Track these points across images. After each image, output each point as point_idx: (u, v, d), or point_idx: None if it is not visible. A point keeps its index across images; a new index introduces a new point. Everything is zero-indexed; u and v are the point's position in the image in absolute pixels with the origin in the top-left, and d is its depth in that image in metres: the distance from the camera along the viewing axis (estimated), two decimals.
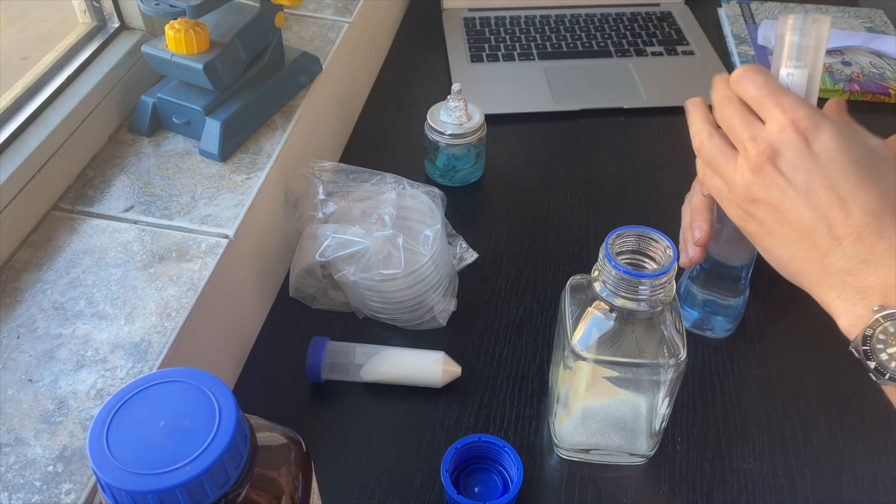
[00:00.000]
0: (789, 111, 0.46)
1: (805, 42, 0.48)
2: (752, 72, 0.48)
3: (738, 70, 0.49)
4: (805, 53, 0.49)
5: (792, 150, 0.45)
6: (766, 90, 0.47)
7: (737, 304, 0.66)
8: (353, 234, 0.66)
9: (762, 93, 0.47)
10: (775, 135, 0.46)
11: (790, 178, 0.45)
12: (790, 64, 0.49)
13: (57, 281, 0.58)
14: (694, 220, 0.63)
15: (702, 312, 0.68)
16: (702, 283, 0.66)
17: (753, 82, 0.48)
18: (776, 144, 0.46)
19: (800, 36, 0.48)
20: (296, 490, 0.40)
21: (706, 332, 0.69)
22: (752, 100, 0.48)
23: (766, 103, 0.47)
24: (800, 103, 0.46)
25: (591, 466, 0.60)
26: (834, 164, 0.44)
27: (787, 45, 0.49)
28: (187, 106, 0.69)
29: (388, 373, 0.64)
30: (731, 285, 0.65)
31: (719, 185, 0.51)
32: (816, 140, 0.45)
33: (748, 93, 0.48)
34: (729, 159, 0.49)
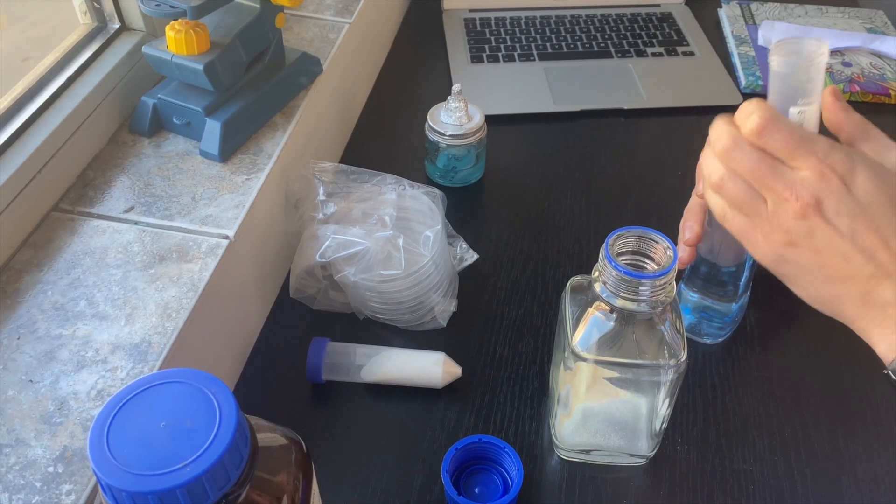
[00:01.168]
0: (825, 158, 0.45)
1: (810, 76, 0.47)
2: (772, 123, 0.46)
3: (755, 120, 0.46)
4: (813, 87, 0.48)
5: (834, 198, 0.45)
6: (796, 141, 0.46)
7: (728, 310, 0.66)
8: (353, 234, 0.66)
9: (793, 144, 0.46)
10: (815, 182, 0.45)
11: (835, 225, 0.46)
12: (800, 102, 0.48)
13: (57, 282, 0.58)
14: (686, 220, 0.63)
15: (696, 317, 0.68)
16: (693, 286, 0.66)
17: (781, 134, 0.46)
18: (818, 192, 0.45)
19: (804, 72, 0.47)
20: (296, 490, 0.40)
21: (699, 337, 0.68)
22: (782, 151, 0.46)
23: (799, 154, 0.46)
24: (833, 148, 0.46)
25: (592, 467, 0.60)
26: (875, 207, 0.45)
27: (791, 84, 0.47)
28: (188, 107, 0.69)
29: (389, 373, 0.64)
30: (722, 289, 0.65)
31: (744, 225, 0.50)
32: (854, 184, 0.45)
33: (776, 144, 0.46)
34: (760, 204, 0.48)
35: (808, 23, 1.11)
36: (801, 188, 0.46)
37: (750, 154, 0.47)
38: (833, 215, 0.45)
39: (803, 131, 0.46)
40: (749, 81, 1.01)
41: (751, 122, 0.46)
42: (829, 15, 1.13)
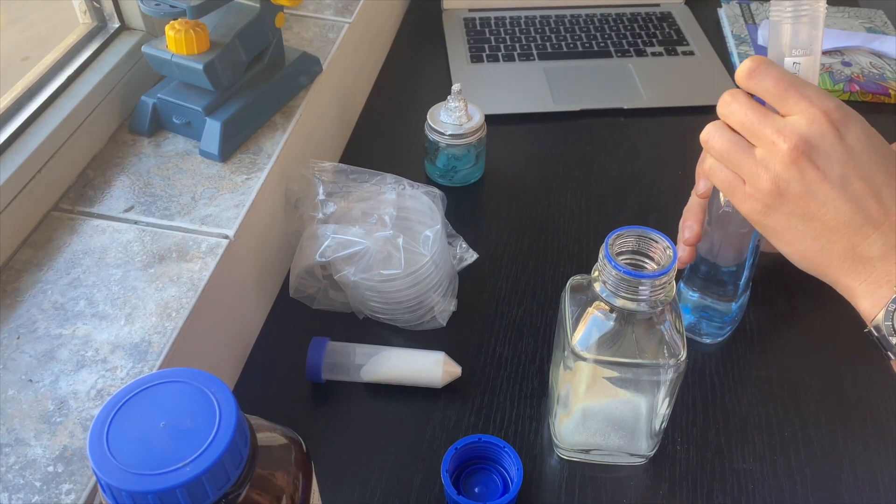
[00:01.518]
0: (818, 103, 0.44)
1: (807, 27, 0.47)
2: (764, 65, 0.46)
3: (748, 64, 0.47)
4: (810, 40, 0.47)
5: (826, 142, 0.44)
6: (787, 82, 0.45)
7: (728, 309, 0.66)
8: (353, 234, 0.66)
9: (783, 86, 0.45)
10: (806, 127, 0.44)
11: (825, 171, 0.44)
12: (795, 53, 0.47)
13: (57, 281, 0.58)
14: (686, 219, 0.63)
15: (696, 316, 0.68)
16: (693, 285, 0.67)
17: (770, 76, 0.46)
18: (808, 137, 0.44)
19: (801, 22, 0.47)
20: (296, 490, 0.40)
21: (698, 336, 0.68)
22: (771, 93, 0.46)
23: (789, 96, 0.45)
24: (825, 94, 0.45)
25: (591, 467, 0.60)
26: (867, 156, 0.44)
27: (787, 33, 0.47)
28: (187, 106, 0.69)
29: (389, 373, 0.64)
30: (722, 289, 0.65)
31: (729, 178, 0.49)
32: (848, 132, 0.44)
33: (766, 86, 0.46)
34: (746, 153, 0.47)
35: None
36: (790, 132, 0.45)
37: (743, 103, 0.47)
38: (823, 160, 0.44)
39: (795, 76, 0.46)
40: None
41: (742, 67, 0.46)
42: (828, 15, 1.13)
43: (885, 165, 0.45)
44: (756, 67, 0.46)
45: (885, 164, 0.45)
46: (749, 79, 0.46)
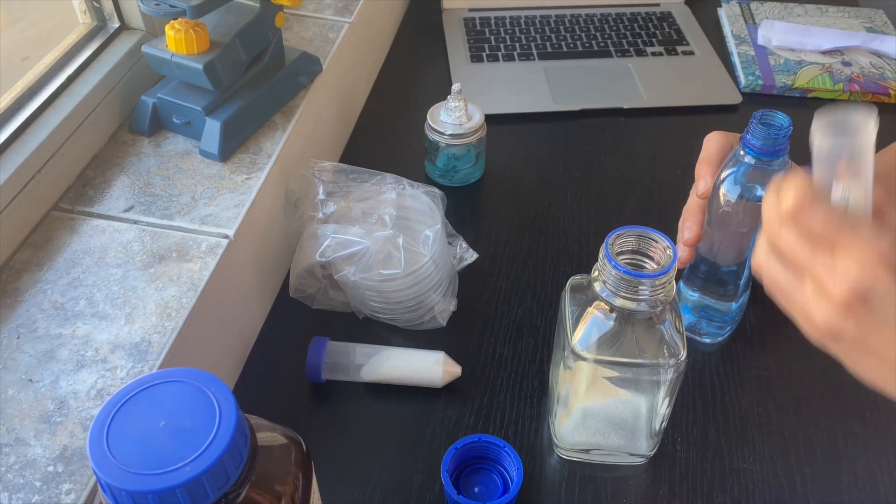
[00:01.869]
0: (872, 243, 0.41)
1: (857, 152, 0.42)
2: (812, 203, 0.42)
3: (791, 200, 0.42)
4: (859, 167, 0.42)
5: (880, 287, 0.41)
6: (836, 223, 0.41)
7: (727, 309, 0.66)
8: (353, 234, 0.66)
9: (832, 226, 0.41)
10: (858, 271, 0.41)
11: (881, 317, 0.41)
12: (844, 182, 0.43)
13: (57, 281, 0.58)
14: (685, 220, 0.63)
15: (696, 316, 0.68)
16: (693, 285, 0.67)
17: (818, 216, 0.42)
18: (862, 282, 0.41)
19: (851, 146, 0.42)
20: (296, 490, 0.40)
21: (698, 336, 0.68)
22: (820, 235, 0.42)
23: (839, 236, 0.41)
24: (878, 232, 0.41)
25: (591, 466, 0.60)
26: None
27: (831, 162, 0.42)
28: (187, 106, 0.69)
29: (389, 373, 0.64)
30: (722, 289, 0.65)
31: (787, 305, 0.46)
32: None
33: (814, 227, 0.42)
34: (798, 290, 0.44)
35: (807, 22, 1.11)
36: (842, 277, 0.41)
37: (794, 235, 0.43)
38: (878, 304, 0.41)
39: (844, 215, 0.42)
40: (748, 81, 1.01)
41: (786, 202, 0.42)
42: (828, 14, 1.13)
43: None
44: (801, 207, 0.42)
45: None
46: (794, 218, 0.43)
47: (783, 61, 1.03)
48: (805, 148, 0.62)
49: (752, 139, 0.55)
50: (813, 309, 0.43)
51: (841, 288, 0.41)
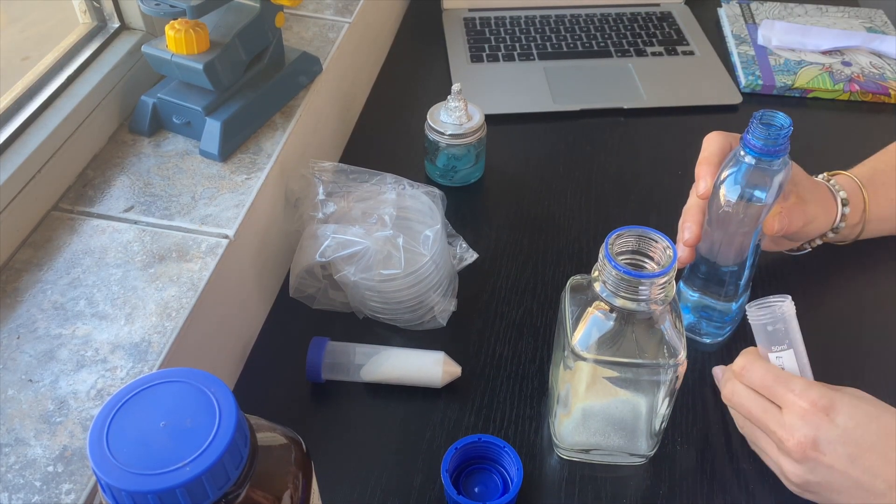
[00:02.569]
0: (802, 395, 0.51)
1: (782, 325, 0.54)
2: (750, 363, 0.54)
3: (739, 360, 0.55)
4: (783, 337, 0.55)
5: (822, 431, 0.50)
6: (771, 378, 0.52)
7: (728, 309, 0.66)
8: (353, 234, 0.66)
9: (768, 381, 0.52)
10: (800, 421, 0.50)
11: (832, 456, 0.50)
12: (775, 349, 0.55)
13: (57, 281, 0.58)
14: (685, 220, 0.64)
15: (696, 316, 0.68)
16: (693, 285, 0.67)
17: (756, 373, 0.53)
18: (806, 431, 0.50)
19: (771, 324, 0.55)
20: (296, 490, 0.40)
21: (698, 336, 0.68)
22: (760, 388, 0.53)
23: (776, 391, 0.52)
24: (808, 384, 0.51)
25: (591, 466, 0.60)
26: (863, 430, 0.49)
27: (764, 334, 0.55)
28: (187, 106, 0.69)
29: (388, 373, 0.64)
30: (722, 289, 0.65)
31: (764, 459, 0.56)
32: (838, 414, 0.50)
33: (753, 382, 0.54)
34: (767, 445, 0.54)
35: (807, 22, 1.11)
36: (790, 429, 0.50)
37: (746, 396, 0.54)
38: (827, 447, 0.49)
39: (778, 371, 0.53)
40: (748, 81, 1.01)
41: (735, 364, 0.55)
42: (828, 14, 1.13)
43: (884, 430, 0.49)
44: (744, 365, 0.54)
45: (883, 430, 0.50)
46: (741, 375, 0.54)
47: (783, 61, 1.03)
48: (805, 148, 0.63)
49: (753, 139, 0.55)
50: (782, 463, 0.52)
51: (793, 441, 0.50)
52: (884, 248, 0.76)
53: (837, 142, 0.93)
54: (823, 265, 0.76)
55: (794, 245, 0.73)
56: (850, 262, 0.76)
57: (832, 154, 0.82)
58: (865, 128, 0.96)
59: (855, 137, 0.94)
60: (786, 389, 0.51)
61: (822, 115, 0.98)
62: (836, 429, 0.49)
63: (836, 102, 1.00)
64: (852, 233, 0.72)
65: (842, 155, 0.77)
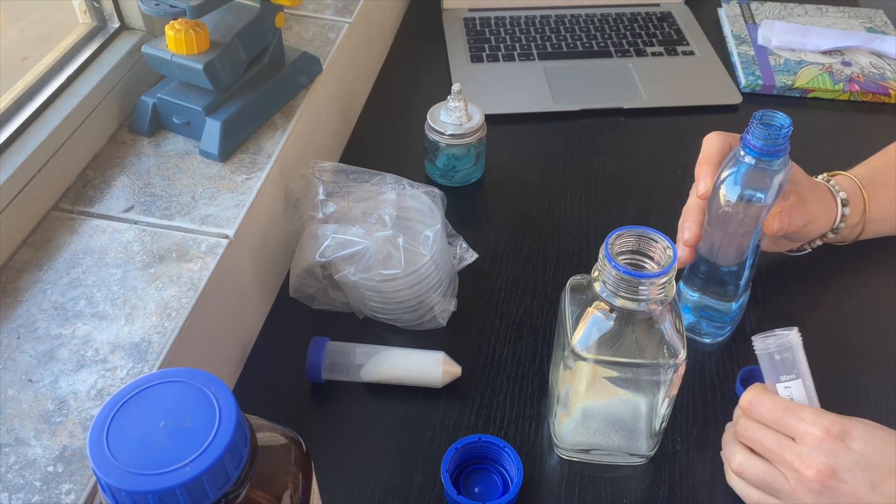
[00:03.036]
0: (815, 423, 0.50)
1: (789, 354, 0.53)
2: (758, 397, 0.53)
3: (746, 396, 0.54)
4: (794, 364, 0.53)
5: (839, 458, 0.49)
6: (780, 411, 0.51)
7: (727, 309, 0.66)
8: (353, 234, 0.66)
9: (777, 414, 0.51)
10: (816, 450, 0.49)
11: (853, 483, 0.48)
12: (784, 379, 0.54)
13: (57, 281, 0.58)
14: (685, 220, 0.64)
15: (696, 316, 0.68)
16: (693, 285, 0.67)
17: (764, 407, 0.52)
18: (823, 458, 0.49)
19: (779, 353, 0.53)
20: (296, 490, 0.40)
21: (698, 336, 0.68)
22: (769, 422, 0.52)
23: (786, 422, 0.51)
24: (817, 413, 0.50)
25: (591, 466, 0.60)
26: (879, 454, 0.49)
27: (771, 364, 0.54)
28: (187, 106, 0.69)
29: (388, 373, 0.64)
30: (722, 289, 0.65)
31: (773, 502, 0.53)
32: (853, 440, 0.49)
33: (762, 416, 0.52)
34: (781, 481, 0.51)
35: (807, 22, 1.11)
36: (807, 459, 0.49)
37: (758, 429, 0.53)
38: (846, 473, 0.48)
39: (786, 402, 0.52)
40: (749, 81, 1.00)
41: (743, 399, 0.54)
42: (828, 14, 1.13)
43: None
44: (752, 399, 0.53)
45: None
46: (749, 410, 0.53)
47: (783, 61, 1.03)
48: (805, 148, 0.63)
49: (753, 139, 0.55)
50: (798, 494, 0.50)
51: (811, 471, 0.49)
52: (884, 249, 0.76)
53: (837, 142, 0.93)
54: (823, 265, 0.76)
55: (794, 245, 0.73)
56: (850, 262, 0.76)
57: (832, 154, 0.82)
58: (865, 128, 0.96)
59: (855, 137, 0.94)
60: (797, 420, 0.51)
61: (822, 116, 0.98)
62: (853, 455, 0.49)
63: (836, 102, 1.00)
64: (852, 233, 0.72)
65: (842, 155, 0.77)
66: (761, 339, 0.54)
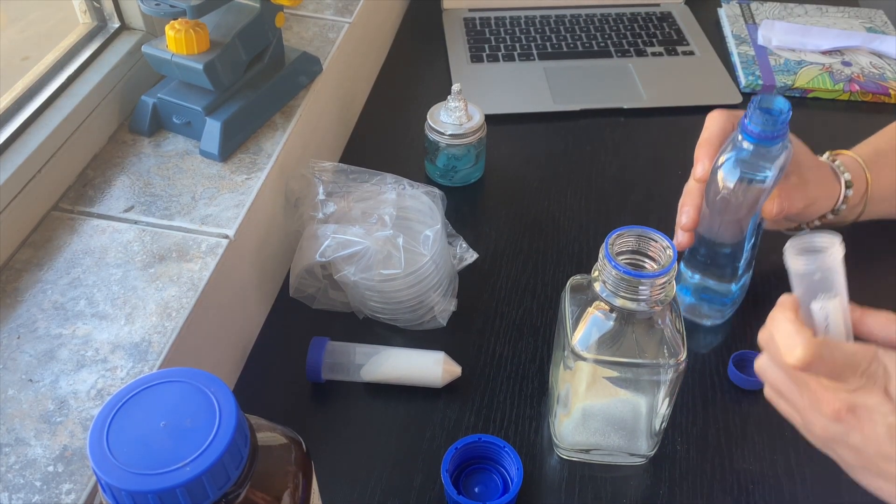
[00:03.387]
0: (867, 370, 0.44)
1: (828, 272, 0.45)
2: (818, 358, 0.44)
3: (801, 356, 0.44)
4: (833, 284, 0.46)
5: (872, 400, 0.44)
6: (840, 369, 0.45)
7: (727, 291, 0.65)
8: (353, 234, 0.66)
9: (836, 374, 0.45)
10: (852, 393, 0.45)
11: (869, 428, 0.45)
12: (821, 297, 0.46)
13: (57, 281, 0.58)
14: (684, 204, 0.63)
15: (696, 298, 0.67)
16: (693, 267, 0.66)
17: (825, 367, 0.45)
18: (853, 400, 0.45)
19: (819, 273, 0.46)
20: (296, 490, 0.40)
21: (699, 318, 0.67)
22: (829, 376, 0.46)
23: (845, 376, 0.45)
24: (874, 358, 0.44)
25: (591, 466, 0.60)
26: None
27: (809, 284, 0.46)
28: (187, 106, 0.69)
29: (389, 373, 0.64)
30: (722, 270, 0.64)
31: (786, 410, 0.50)
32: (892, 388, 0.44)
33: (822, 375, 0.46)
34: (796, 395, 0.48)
35: (807, 22, 1.11)
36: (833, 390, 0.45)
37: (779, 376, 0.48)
38: (865, 416, 0.45)
39: (845, 357, 0.45)
40: (749, 81, 1.00)
41: (794, 358, 0.45)
42: (828, 14, 1.13)
43: None
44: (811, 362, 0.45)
45: None
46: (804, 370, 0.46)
47: (783, 61, 1.03)
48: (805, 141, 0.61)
49: (751, 125, 0.54)
50: (810, 417, 0.47)
51: (833, 404, 0.45)
52: (884, 248, 0.76)
53: (837, 142, 0.93)
54: None
55: (793, 225, 0.71)
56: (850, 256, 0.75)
57: None
58: (865, 128, 0.95)
59: (855, 137, 0.94)
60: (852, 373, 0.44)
61: (822, 116, 0.98)
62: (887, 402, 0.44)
63: (836, 102, 1.00)
64: (851, 214, 0.70)
65: None
66: (797, 252, 0.46)
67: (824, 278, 0.45)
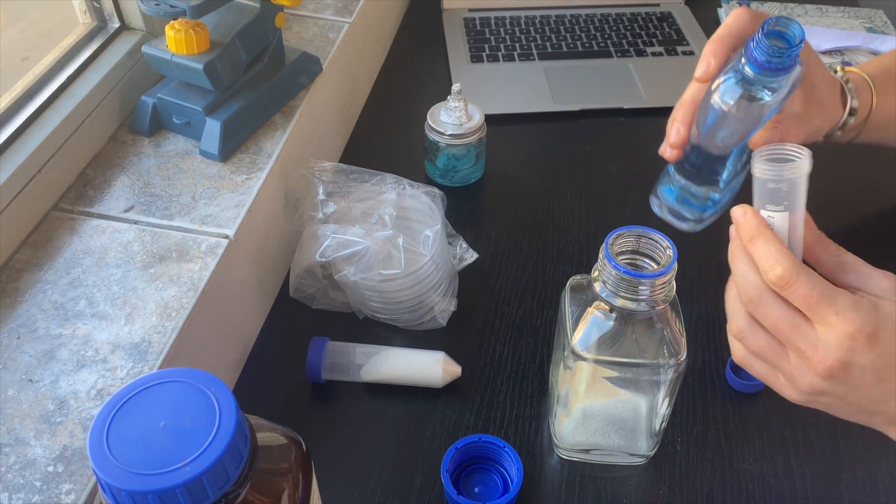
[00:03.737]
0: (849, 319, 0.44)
1: (780, 186, 0.46)
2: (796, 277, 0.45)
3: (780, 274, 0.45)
4: (782, 197, 0.46)
5: (859, 356, 0.44)
6: (817, 296, 0.44)
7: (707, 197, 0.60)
8: (353, 234, 0.66)
9: (813, 300, 0.45)
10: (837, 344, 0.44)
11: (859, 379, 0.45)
12: (769, 207, 0.47)
13: (57, 281, 0.58)
14: (675, 118, 0.58)
15: (678, 201, 0.61)
16: (681, 169, 0.61)
17: (802, 288, 0.45)
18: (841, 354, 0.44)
19: (775, 182, 0.46)
20: (296, 490, 0.40)
21: (680, 220, 0.61)
22: (803, 306, 0.45)
23: (820, 309, 0.45)
24: (855, 306, 0.44)
25: (591, 466, 0.60)
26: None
27: (764, 190, 0.47)
28: (187, 106, 0.69)
29: (389, 373, 0.64)
30: (706, 177, 0.59)
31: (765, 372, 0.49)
32: (879, 342, 0.44)
33: (797, 298, 0.45)
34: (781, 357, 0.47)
35: (807, 22, 1.11)
36: (823, 351, 0.45)
37: (774, 308, 0.46)
38: (857, 371, 0.45)
39: (825, 289, 0.45)
40: None
41: (773, 274, 0.45)
42: (828, 14, 1.13)
43: None
44: (788, 281, 0.45)
45: None
46: (781, 290, 0.45)
47: None
48: None
49: (756, 52, 0.48)
50: (796, 374, 0.47)
51: (823, 359, 0.45)
52: (884, 247, 0.76)
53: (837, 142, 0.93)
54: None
55: None
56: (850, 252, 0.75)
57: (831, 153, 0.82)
58: None
59: None
60: (831, 310, 0.44)
61: None
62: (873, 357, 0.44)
63: None
64: (845, 137, 0.67)
65: (841, 154, 0.77)
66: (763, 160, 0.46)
67: (783, 189, 0.45)
